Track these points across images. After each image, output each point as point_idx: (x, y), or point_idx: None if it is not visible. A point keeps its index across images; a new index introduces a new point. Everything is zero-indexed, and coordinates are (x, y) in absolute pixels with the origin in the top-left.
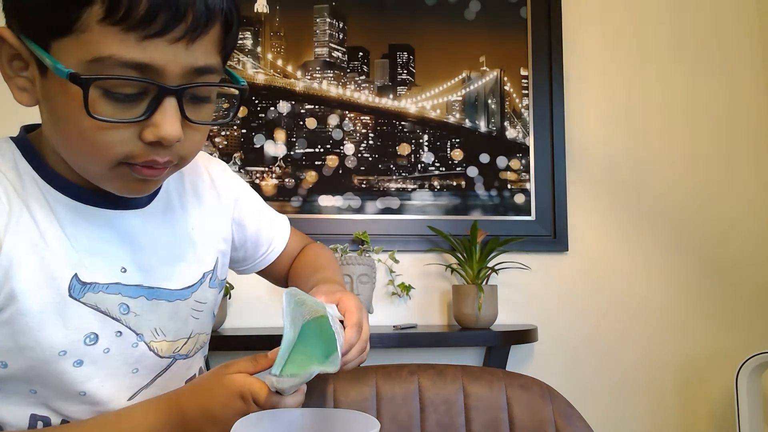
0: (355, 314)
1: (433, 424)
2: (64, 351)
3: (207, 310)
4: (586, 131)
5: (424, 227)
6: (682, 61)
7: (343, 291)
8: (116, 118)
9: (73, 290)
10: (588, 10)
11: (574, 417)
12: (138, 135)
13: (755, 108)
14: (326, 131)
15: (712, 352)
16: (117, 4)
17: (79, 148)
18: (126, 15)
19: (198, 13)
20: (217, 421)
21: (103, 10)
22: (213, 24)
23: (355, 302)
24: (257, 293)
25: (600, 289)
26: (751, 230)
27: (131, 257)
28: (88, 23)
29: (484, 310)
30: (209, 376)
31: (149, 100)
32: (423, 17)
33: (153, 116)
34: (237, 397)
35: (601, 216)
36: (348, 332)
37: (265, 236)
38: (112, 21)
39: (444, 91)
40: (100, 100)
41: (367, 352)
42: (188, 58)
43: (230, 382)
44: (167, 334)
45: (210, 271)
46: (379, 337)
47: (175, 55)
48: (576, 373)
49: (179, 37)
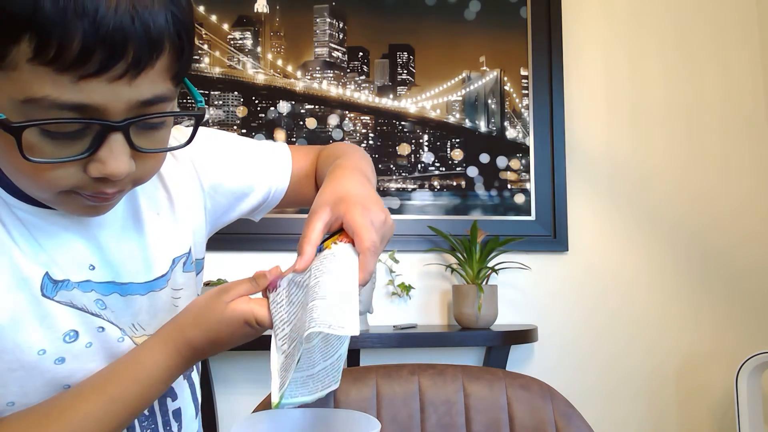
0: (363, 233)
1: (434, 424)
2: (43, 350)
3: (186, 297)
4: (586, 131)
5: (424, 227)
6: (683, 62)
7: (345, 198)
8: (56, 158)
9: (45, 289)
10: (588, 10)
11: (574, 417)
12: (83, 169)
13: (757, 109)
14: (326, 131)
15: (712, 352)
16: (46, 44)
17: (21, 181)
18: (57, 55)
19: (140, 47)
20: (226, 346)
21: (32, 50)
22: (159, 55)
23: (359, 212)
24: None
25: (600, 288)
26: (752, 230)
27: (98, 255)
28: (16, 61)
29: (484, 310)
30: (209, 305)
31: (92, 136)
32: (423, 17)
33: (98, 152)
34: (242, 323)
35: (601, 216)
36: (362, 260)
37: (260, 178)
38: (42, 61)
39: (444, 91)
40: (38, 141)
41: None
42: (132, 93)
43: (233, 310)
44: (146, 328)
45: (183, 255)
46: (379, 337)
47: (116, 93)
48: (576, 372)
49: (120, 74)
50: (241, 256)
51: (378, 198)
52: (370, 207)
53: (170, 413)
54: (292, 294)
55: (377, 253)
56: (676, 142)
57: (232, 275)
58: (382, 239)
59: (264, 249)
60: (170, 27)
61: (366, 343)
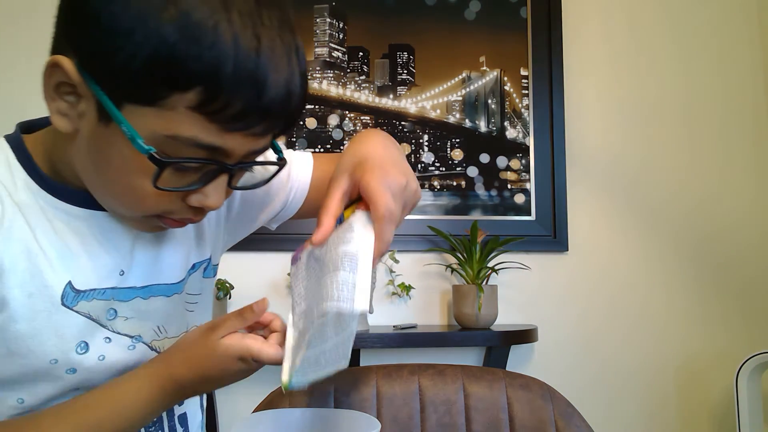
0: (377, 199)
1: (434, 424)
2: (55, 359)
3: (202, 302)
4: (586, 131)
5: (424, 227)
6: (683, 62)
7: (362, 162)
8: (172, 187)
9: (66, 298)
10: (588, 11)
11: (575, 417)
12: (183, 197)
13: (755, 108)
14: (326, 131)
15: (712, 352)
16: (213, 100)
17: (118, 197)
18: (218, 111)
19: (286, 118)
20: (216, 383)
21: (197, 100)
22: (290, 126)
23: (376, 177)
24: (257, 293)
25: (600, 288)
26: (751, 230)
27: (129, 260)
28: (175, 104)
29: (484, 310)
30: (198, 342)
31: (206, 171)
32: (423, 17)
33: (205, 186)
34: (236, 360)
35: (601, 216)
36: (377, 229)
37: (278, 187)
38: (202, 111)
39: (444, 91)
40: (166, 172)
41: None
42: (254, 145)
43: (225, 348)
44: (169, 330)
45: (204, 261)
46: (379, 337)
47: (245, 144)
48: (576, 372)
49: (259, 133)
50: (250, 256)
51: (400, 160)
52: (388, 170)
53: (176, 418)
54: (311, 268)
55: (394, 221)
56: (676, 142)
57: (237, 276)
58: (404, 206)
59: (273, 249)
60: (303, 104)
61: (366, 343)
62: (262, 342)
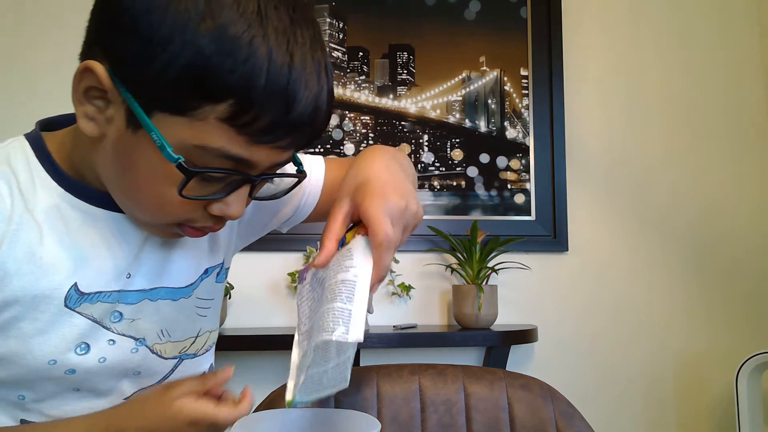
0: (375, 226)
1: (434, 424)
2: (54, 360)
3: (214, 306)
4: (586, 131)
5: (424, 227)
6: (683, 61)
7: (363, 185)
8: (196, 195)
9: (69, 300)
10: (588, 11)
11: (575, 417)
12: (205, 206)
13: (758, 108)
14: (326, 131)
15: (712, 352)
16: (244, 113)
17: (141, 203)
18: (248, 124)
19: (312, 133)
20: None
21: (228, 113)
22: (315, 140)
23: (375, 202)
24: (257, 293)
25: (600, 288)
26: (751, 229)
27: (137, 263)
28: (206, 115)
29: (484, 310)
30: (151, 400)
31: (229, 182)
32: (423, 17)
33: (228, 196)
34: (187, 423)
35: (601, 216)
36: (376, 256)
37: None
38: (231, 123)
39: (444, 91)
40: (193, 180)
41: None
42: (278, 157)
43: (179, 409)
44: (173, 334)
45: (216, 265)
46: (379, 337)
47: (270, 156)
48: (576, 372)
49: (285, 146)
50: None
51: (400, 182)
52: (388, 196)
53: None
54: (315, 290)
55: (392, 248)
56: (676, 142)
57: (237, 276)
58: (404, 228)
59: (273, 249)
60: (330, 120)
61: (366, 343)
62: (216, 403)
